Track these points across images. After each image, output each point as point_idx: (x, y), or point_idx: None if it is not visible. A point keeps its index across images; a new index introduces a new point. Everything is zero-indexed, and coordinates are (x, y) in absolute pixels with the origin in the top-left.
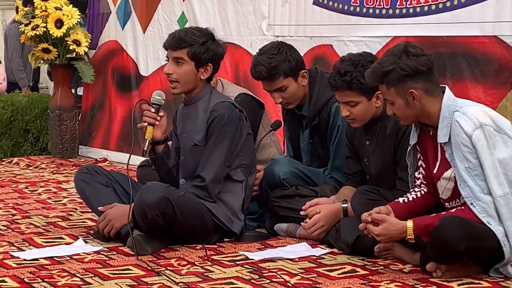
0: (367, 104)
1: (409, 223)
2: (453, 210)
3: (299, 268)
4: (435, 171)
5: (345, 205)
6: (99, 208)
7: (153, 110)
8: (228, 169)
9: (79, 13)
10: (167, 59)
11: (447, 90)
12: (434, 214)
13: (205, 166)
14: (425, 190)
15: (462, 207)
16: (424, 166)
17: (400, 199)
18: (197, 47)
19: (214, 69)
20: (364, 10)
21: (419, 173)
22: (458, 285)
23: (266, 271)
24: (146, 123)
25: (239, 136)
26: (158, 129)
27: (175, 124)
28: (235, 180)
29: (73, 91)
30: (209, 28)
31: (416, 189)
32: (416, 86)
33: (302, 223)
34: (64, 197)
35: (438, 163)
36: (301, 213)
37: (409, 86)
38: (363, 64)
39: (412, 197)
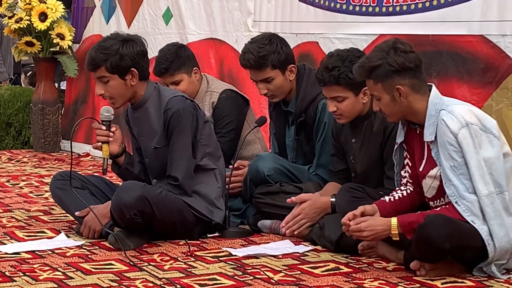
0: (354, 99)
1: (394, 220)
2: (438, 209)
3: (283, 265)
4: (420, 169)
5: (334, 199)
6: (76, 213)
7: (104, 128)
8: (196, 161)
9: (64, 7)
10: None
11: (434, 88)
12: (418, 212)
13: (174, 165)
14: (411, 189)
15: (447, 206)
16: (410, 164)
17: (386, 198)
18: (111, 60)
19: (141, 69)
20: (351, 7)
21: (405, 172)
22: (442, 283)
23: (250, 268)
24: (100, 143)
25: (196, 125)
26: (114, 144)
27: (129, 125)
28: (205, 169)
29: (56, 85)
30: (121, 32)
31: (402, 188)
32: (403, 83)
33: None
34: (46, 191)
35: (424, 162)
36: (288, 200)
37: (396, 82)
38: (351, 60)
39: (398, 196)
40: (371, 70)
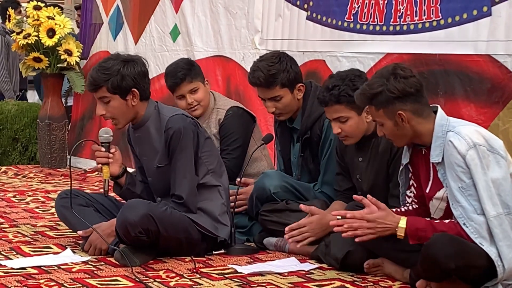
0: (358, 119)
1: (403, 219)
2: (447, 221)
3: (288, 283)
4: (427, 191)
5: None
6: (79, 232)
7: (103, 149)
8: (198, 178)
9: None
10: None
11: (440, 110)
12: (428, 219)
13: (177, 184)
14: (417, 206)
15: (456, 222)
16: (415, 185)
17: (393, 210)
18: (112, 80)
19: (142, 89)
20: (358, 26)
21: (410, 192)
22: None
23: (255, 285)
24: (100, 165)
25: (197, 143)
26: (114, 165)
27: (131, 144)
28: (209, 186)
29: (63, 100)
30: (121, 52)
31: (408, 204)
32: (404, 108)
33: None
34: (52, 207)
35: (430, 183)
36: (301, 206)
37: (398, 108)
38: (351, 78)
39: (405, 209)
40: (371, 97)
